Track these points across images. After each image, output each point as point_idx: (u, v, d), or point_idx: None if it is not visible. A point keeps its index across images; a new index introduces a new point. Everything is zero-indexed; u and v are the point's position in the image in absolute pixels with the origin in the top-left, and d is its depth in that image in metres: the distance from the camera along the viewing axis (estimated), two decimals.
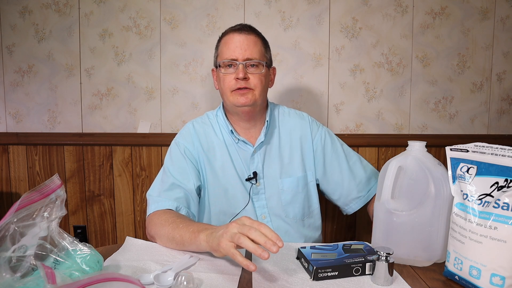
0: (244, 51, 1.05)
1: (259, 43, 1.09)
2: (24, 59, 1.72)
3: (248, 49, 1.05)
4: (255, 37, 1.09)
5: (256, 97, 1.07)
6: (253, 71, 1.07)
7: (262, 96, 1.10)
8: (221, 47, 1.09)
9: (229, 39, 1.07)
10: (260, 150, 1.13)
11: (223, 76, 1.08)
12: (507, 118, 1.75)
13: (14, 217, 0.62)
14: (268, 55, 1.13)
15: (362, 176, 1.16)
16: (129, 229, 1.78)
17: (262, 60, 1.08)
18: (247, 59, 1.05)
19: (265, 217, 1.12)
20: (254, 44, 1.07)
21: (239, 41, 1.05)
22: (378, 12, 1.68)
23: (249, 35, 1.07)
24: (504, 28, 1.69)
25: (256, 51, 1.07)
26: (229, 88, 1.07)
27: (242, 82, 1.05)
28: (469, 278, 0.69)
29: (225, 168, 1.12)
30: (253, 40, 1.07)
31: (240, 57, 1.05)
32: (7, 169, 1.76)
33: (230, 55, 1.06)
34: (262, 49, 1.10)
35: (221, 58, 1.08)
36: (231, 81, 1.06)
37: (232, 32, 1.08)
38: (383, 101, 1.72)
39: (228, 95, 1.08)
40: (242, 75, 1.04)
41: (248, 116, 1.12)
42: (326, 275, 0.74)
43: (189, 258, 0.82)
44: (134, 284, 0.57)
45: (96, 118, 1.74)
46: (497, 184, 0.67)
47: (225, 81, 1.07)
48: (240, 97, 1.06)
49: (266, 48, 1.12)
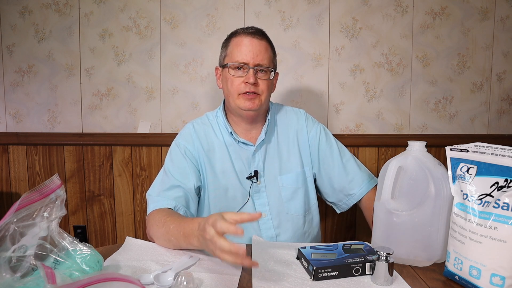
0: (256, 56, 1.05)
1: (269, 49, 1.10)
2: (24, 59, 1.72)
3: (260, 54, 1.06)
4: (266, 43, 1.09)
5: (262, 102, 1.08)
6: (262, 76, 1.08)
7: (267, 101, 1.12)
8: (232, 48, 1.09)
9: (241, 41, 1.07)
10: (261, 149, 1.14)
11: (231, 78, 1.08)
12: (507, 118, 1.75)
13: (14, 217, 0.62)
14: (275, 61, 1.14)
15: (355, 173, 1.16)
16: (129, 229, 1.78)
17: (271, 66, 1.09)
18: (258, 65, 1.06)
19: (265, 215, 1.12)
20: (265, 50, 1.07)
21: (251, 45, 1.06)
22: (378, 12, 1.68)
23: (261, 40, 1.08)
24: (504, 28, 1.69)
25: (267, 57, 1.08)
26: (237, 91, 1.07)
27: (252, 86, 1.05)
28: (469, 278, 0.69)
29: (225, 168, 1.12)
30: (265, 46, 1.08)
31: (252, 61, 1.05)
32: (7, 169, 1.76)
33: (242, 58, 1.05)
34: (272, 55, 1.11)
35: (231, 60, 1.08)
36: (240, 84, 1.06)
37: (245, 34, 1.07)
38: (383, 101, 1.72)
39: (234, 97, 1.08)
40: (252, 80, 1.04)
41: (251, 119, 1.13)
42: (326, 275, 0.74)
43: (189, 258, 0.82)
44: (134, 284, 0.57)
45: (96, 118, 1.74)
46: (497, 184, 0.67)
47: (234, 84, 1.07)
48: (247, 102, 1.07)
49: (274, 54, 1.13)
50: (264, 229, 1.11)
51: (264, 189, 1.13)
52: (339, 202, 1.19)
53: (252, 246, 0.92)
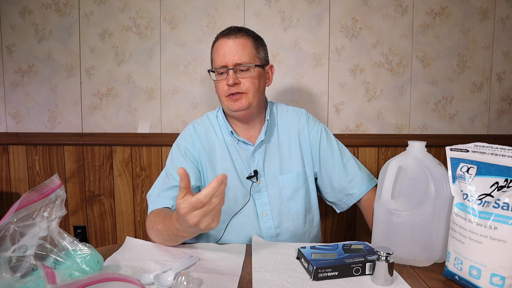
0: (232, 56, 1.04)
1: (248, 45, 1.07)
2: (24, 59, 1.72)
3: (237, 53, 1.04)
4: (244, 39, 1.06)
5: (250, 100, 1.07)
6: (244, 75, 1.06)
7: (257, 98, 1.10)
8: (213, 54, 1.10)
9: (219, 45, 1.07)
10: (260, 148, 1.14)
11: (216, 83, 1.10)
12: (507, 118, 1.75)
13: (14, 217, 0.62)
14: (261, 54, 1.11)
15: (355, 173, 1.16)
16: (129, 229, 1.78)
17: (253, 62, 1.07)
18: (236, 64, 1.05)
19: (266, 214, 1.12)
20: (242, 48, 1.05)
21: (227, 47, 1.05)
22: (378, 12, 1.68)
23: (236, 38, 1.05)
24: (504, 28, 1.69)
25: (245, 55, 1.05)
26: (223, 93, 1.08)
27: (233, 88, 1.05)
28: (469, 278, 0.69)
29: (226, 167, 1.13)
30: (242, 43, 1.06)
31: (230, 62, 1.04)
32: (7, 169, 1.76)
33: (220, 62, 1.06)
34: (253, 50, 1.08)
35: (214, 65, 1.10)
36: (224, 87, 1.07)
37: (221, 37, 1.08)
38: (383, 101, 1.72)
39: (223, 100, 1.10)
40: (232, 82, 1.04)
41: (245, 118, 1.13)
42: (326, 275, 0.74)
43: (189, 258, 0.82)
44: (134, 284, 0.57)
45: (96, 118, 1.74)
46: (497, 184, 0.67)
47: (219, 88, 1.09)
48: (234, 103, 1.07)
49: (258, 48, 1.10)
50: (265, 228, 1.11)
51: (265, 189, 1.13)
52: (338, 202, 1.19)
53: (252, 246, 0.92)
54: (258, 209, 1.12)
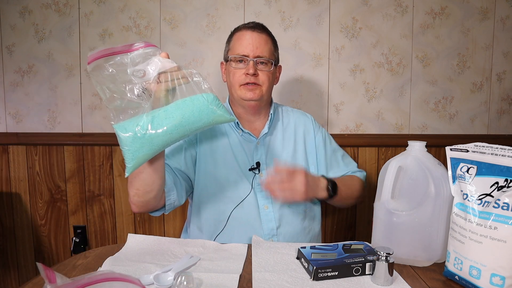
0: (255, 49, 1.10)
1: (269, 42, 1.14)
2: (24, 59, 1.72)
3: (260, 47, 1.10)
4: (267, 36, 1.14)
5: (263, 92, 1.13)
6: (262, 68, 1.12)
7: (268, 92, 1.16)
8: (234, 42, 1.14)
9: (242, 35, 1.12)
10: (264, 141, 1.18)
11: (233, 70, 1.13)
12: (507, 118, 1.75)
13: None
14: (276, 54, 1.19)
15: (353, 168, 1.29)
16: (129, 229, 1.78)
17: (271, 58, 1.13)
18: (258, 57, 1.10)
19: (267, 207, 1.13)
20: (265, 43, 1.12)
21: (251, 38, 1.11)
22: (378, 12, 1.68)
23: (261, 33, 1.12)
24: (504, 28, 1.69)
25: (267, 50, 1.12)
26: (239, 82, 1.12)
27: (252, 77, 1.10)
28: (469, 278, 0.69)
29: (227, 158, 1.15)
30: (265, 39, 1.13)
31: (252, 54, 1.10)
32: (7, 169, 1.75)
33: (242, 51, 1.10)
34: (272, 48, 1.15)
35: (233, 53, 1.13)
36: (241, 76, 1.11)
37: (245, 29, 1.13)
38: (383, 101, 1.72)
39: (236, 88, 1.13)
40: (252, 71, 1.09)
41: (253, 109, 1.17)
42: (326, 275, 0.74)
43: (189, 258, 0.82)
44: (134, 284, 0.57)
45: (96, 118, 1.74)
46: (497, 184, 0.67)
47: (235, 75, 1.12)
48: (248, 92, 1.11)
49: (275, 47, 1.18)
50: (266, 221, 1.12)
51: None
52: None
53: (252, 246, 0.92)
54: (260, 202, 1.13)
